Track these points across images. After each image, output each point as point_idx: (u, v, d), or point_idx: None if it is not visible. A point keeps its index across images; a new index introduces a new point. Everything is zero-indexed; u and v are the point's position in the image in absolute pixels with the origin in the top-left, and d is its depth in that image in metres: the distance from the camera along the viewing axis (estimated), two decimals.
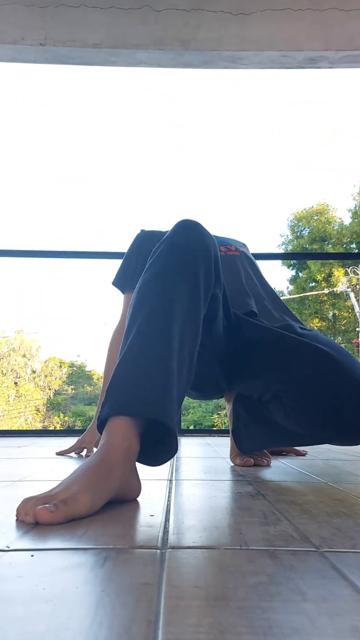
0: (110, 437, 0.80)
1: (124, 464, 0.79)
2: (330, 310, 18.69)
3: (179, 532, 0.65)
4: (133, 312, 0.94)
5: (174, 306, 0.91)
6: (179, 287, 0.94)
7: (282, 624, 0.39)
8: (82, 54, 2.91)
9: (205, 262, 0.99)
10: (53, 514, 0.67)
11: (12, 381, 21.31)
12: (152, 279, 0.95)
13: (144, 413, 0.82)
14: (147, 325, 0.89)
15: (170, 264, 0.96)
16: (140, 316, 0.91)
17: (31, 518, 0.68)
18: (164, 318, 0.90)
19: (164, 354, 0.86)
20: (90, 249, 15.96)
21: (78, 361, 25.18)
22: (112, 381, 0.86)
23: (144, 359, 0.85)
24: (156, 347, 0.87)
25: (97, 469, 0.76)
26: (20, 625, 0.38)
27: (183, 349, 0.91)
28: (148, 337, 0.88)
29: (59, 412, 21.47)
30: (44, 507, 0.68)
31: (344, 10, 2.85)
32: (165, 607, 0.41)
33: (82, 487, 0.72)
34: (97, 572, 0.50)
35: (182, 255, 0.97)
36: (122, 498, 0.82)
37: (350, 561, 0.54)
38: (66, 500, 0.69)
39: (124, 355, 0.88)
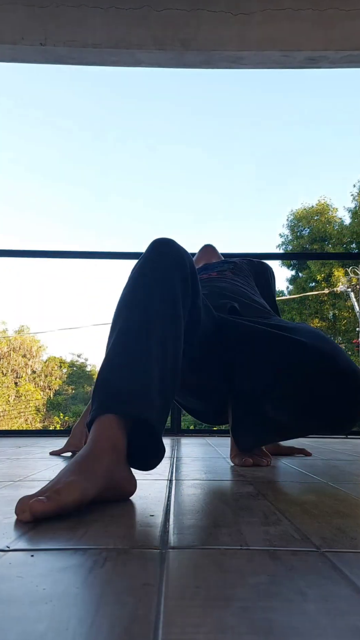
0: (95, 431, 0.84)
1: (110, 453, 0.81)
2: (330, 310, 18.68)
3: (179, 532, 0.65)
4: (115, 318, 0.99)
5: (151, 310, 0.96)
6: (156, 291, 0.99)
7: (283, 624, 0.39)
8: (82, 54, 2.91)
9: (179, 269, 1.04)
10: (45, 504, 0.68)
11: (12, 381, 21.31)
12: (131, 288, 1.01)
13: (126, 410, 0.85)
14: (127, 329, 0.94)
15: (145, 274, 1.02)
16: (119, 322, 0.96)
17: (28, 514, 0.69)
18: (142, 322, 0.94)
19: (142, 354, 0.90)
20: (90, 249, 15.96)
21: (78, 361, 25.19)
22: (97, 384, 0.90)
23: (126, 365, 0.89)
24: (137, 351, 0.91)
25: (84, 459, 0.78)
26: (20, 625, 0.38)
27: (165, 349, 0.95)
28: (128, 342, 0.92)
29: (59, 412, 21.46)
30: (36, 499, 0.69)
31: (344, 10, 2.85)
32: (165, 607, 0.41)
33: (72, 477, 0.74)
34: (97, 573, 0.50)
35: (157, 264, 1.03)
36: (118, 492, 0.83)
37: (351, 561, 0.54)
38: (58, 491, 0.71)
39: (106, 359, 0.93)
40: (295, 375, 1.08)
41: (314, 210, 19.40)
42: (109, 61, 2.98)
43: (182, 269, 1.05)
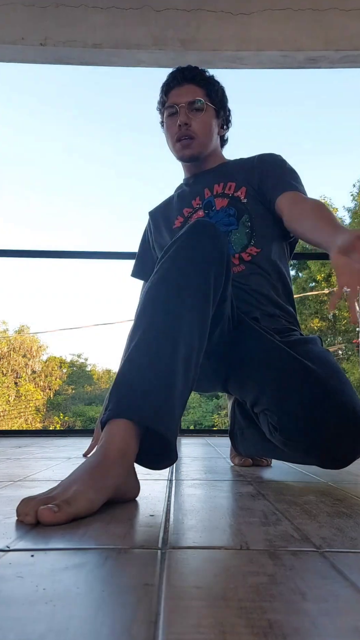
0: (108, 437, 0.81)
1: (121, 465, 0.79)
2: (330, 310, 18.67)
3: (179, 532, 0.65)
4: (140, 314, 0.93)
5: (181, 313, 0.90)
6: (187, 290, 0.92)
7: (283, 624, 0.39)
8: (82, 54, 2.91)
9: (216, 262, 0.97)
10: (56, 514, 0.67)
11: (12, 381, 21.31)
12: (160, 281, 0.94)
13: (142, 422, 0.82)
14: (153, 330, 0.88)
15: (180, 267, 0.93)
16: (145, 320, 0.90)
17: (32, 518, 0.68)
18: (170, 324, 0.88)
19: (168, 365, 0.85)
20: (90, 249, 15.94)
21: (78, 361, 25.19)
22: (115, 384, 0.87)
23: (148, 367, 0.85)
24: (161, 356, 0.85)
25: (95, 469, 0.76)
26: (20, 625, 0.38)
27: (190, 359, 0.90)
28: (153, 343, 0.87)
29: (59, 412, 21.47)
30: (46, 507, 0.68)
31: (344, 10, 2.85)
32: (165, 607, 0.41)
33: (82, 487, 0.72)
34: (97, 573, 0.50)
35: (193, 256, 0.95)
36: (121, 498, 0.82)
37: (351, 561, 0.54)
38: (68, 501, 0.70)
39: (127, 360, 0.87)
40: (295, 401, 0.98)
41: None
42: (109, 61, 2.98)
43: (219, 263, 0.97)
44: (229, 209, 1.34)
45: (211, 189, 1.40)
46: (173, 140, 1.40)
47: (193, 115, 1.37)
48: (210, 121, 1.40)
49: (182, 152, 1.40)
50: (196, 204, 1.41)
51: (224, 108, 1.46)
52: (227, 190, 1.37)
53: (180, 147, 1.39)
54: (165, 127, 1.43)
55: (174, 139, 1.40)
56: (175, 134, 1.38)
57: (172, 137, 1.40)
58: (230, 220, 1.34)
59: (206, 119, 1.39)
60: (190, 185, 1.46)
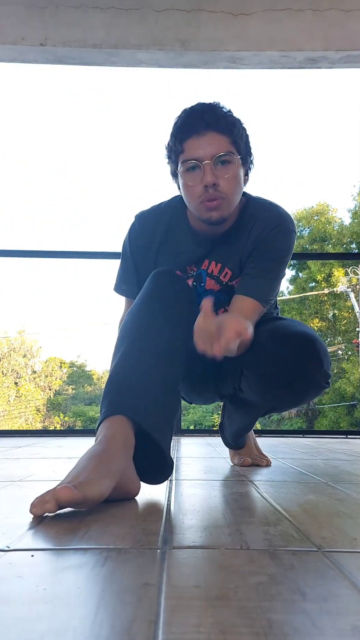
0: (107, 429, 0.86)
1: (123, 452, 0.83)
2: (330, 310, 18.67)
3: (179, 532, 0.65)
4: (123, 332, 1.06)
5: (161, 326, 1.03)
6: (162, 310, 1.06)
7: (283, 624, 0.39)
8: (82, 54, 2.91)
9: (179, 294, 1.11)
10: (74, 493, 0.70)
11: (12, 381, 21.32)
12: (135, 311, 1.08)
13: (135, 419, 0.89)
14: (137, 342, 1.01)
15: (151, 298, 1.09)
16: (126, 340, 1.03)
17: (52, 505, 0.70)
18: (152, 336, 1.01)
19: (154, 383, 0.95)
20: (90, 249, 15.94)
21: (78, 361, 25.19)
22: (108, 386, 0.95)
23: (132, 372, 0.95)
24: (144, 364, 0.96)
25: (100, 456, 0.80)
26: (20, 625, 0.38)
27: (171, 369, 1.00)
28: (136, 354, 0.98)
29: (59, 412, 21.47)
30: (64, 486, 0.70)
31: (344, 11, 2.85)
32: (165, 607, 0.41)
33: (91, 474, 0.76)
34: (97, 572, 0.50)
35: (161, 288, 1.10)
36: (123, 492, 0.84)
37: (351, 561, 0.54)
38: (82, 483, 0.72)
39: (114, 369, 0.98)
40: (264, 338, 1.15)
41: (313, 210, 19.40)
42: (109, 61, 2.98)
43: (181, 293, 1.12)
44: (220, 295, 1.31)
45: (209, 262, 1.29)
46: (195, 201, 1.19)
47: (219, 171, 1.16)
48: (239, 175, 1.20)
49: (208, 214, 1.18)
50: (190, 270, 1.31)
51: (250, 154, 1.26)
52: (222, 277, 1.29)
53: (207, 209, 1.18)
54: (184, 185, 1.20)
55: (196, 200, 1.18)
56: (199, 196, 1.17)
57: (195, 198, 1.18)
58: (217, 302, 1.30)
59: (234, 173, 1.18)
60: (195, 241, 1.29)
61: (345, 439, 2.55)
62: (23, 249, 2.79)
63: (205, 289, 1.30)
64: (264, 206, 1.28)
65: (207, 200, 1.16)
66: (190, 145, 1.16)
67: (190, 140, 1.16)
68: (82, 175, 37.61)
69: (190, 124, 1.17)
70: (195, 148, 1.15)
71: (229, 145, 1.17)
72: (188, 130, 1.16)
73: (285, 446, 1.99)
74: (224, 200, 1.17)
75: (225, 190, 1.16)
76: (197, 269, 1.29)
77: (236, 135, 1.18)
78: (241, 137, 1.21)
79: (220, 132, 1.16)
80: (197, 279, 1.30)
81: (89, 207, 37.84)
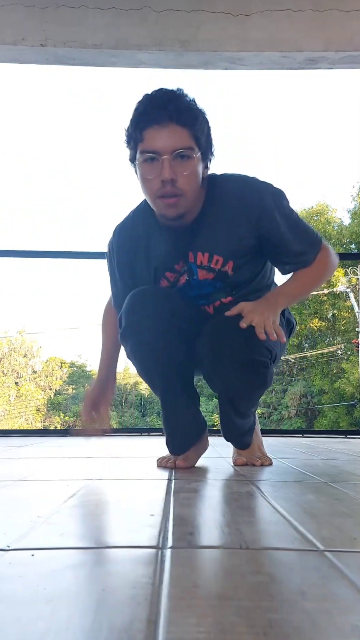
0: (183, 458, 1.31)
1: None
2: (330, 310, 18.68)
3: (179, 532, 0.65)
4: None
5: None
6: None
7: (283, 624, 0.39)
8: (83, 55, 2.91)
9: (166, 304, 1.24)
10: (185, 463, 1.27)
11: (13, 381, 21.32)
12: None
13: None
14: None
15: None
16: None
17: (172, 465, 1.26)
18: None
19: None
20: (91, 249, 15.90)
21: (79, 361, 25.18)
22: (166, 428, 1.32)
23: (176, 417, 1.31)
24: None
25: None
26: (20, 625, 0.38)
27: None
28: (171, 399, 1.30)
29: (59, 412, 21.47)
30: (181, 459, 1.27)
31: (344, 11, 2.85)
32: (165, 606, 0.41)
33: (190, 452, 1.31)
34: (97, 572, 0.50)
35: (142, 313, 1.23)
36: None
37: (351, 561, 0.54)
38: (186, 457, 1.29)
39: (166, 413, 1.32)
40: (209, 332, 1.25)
41: (313, 210, 19.40)
42: (109, 62, 2.98)
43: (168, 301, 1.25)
44: (215, 282, 1.31)
45: (194, 254, 1.27)
46: (153, 195, 1.17)
47: (178, 167, 1.13)
48: (198, 170, 1.18)
49: (165, 210, 1.18)
50: (180, 267, 1.30)
51: (211, 147, 1.23)
52: (213, 265, 1.27)
53: (164, 205, 1.17)
54: (141, 177, 1.18)
55: (154, 194, 1.17)
56: (157, 190, 1.15)
57: (152, 192, 1.17)
58: (216, 290, 1.33)
59: (193, 170, 1.16)
60: (172, 239, 1.28)
61: (345, 439, 2.55)
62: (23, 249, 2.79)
63: (199, 279, 1.30)
64: (239, 189, 1.25)
65: (164, 196, 1.15)
66: (150, 135, 1.13)
67: (151, 130, 1.13)
68: (82, 175, 37.61)
69: (152, 113, 1.13)
70: (155, 139, 1.13)
71: (190, 139, 1.14)
72: (149, 119, 1.13)
73: (285, 446, 1.99)
74: (180, 198, 1.16)
75: (183, 188, 1.15)
76: (186, 264, 1.29)
77: (198, 129, 1.15)
78: (203, 130, 1.18)
79: (182, 124, 1.13)
80: (189, 273, 1.31)
81: (89, 207, 37.83)
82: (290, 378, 19.77)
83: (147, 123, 1.13)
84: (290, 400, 18.60)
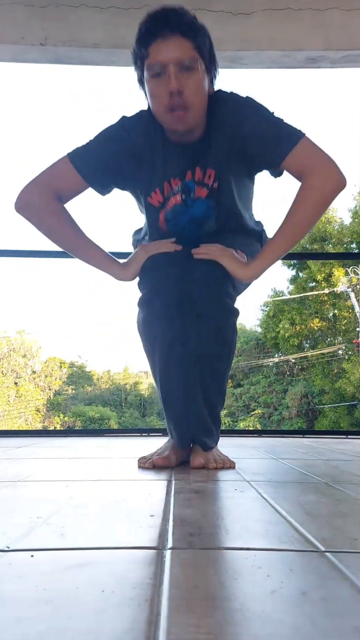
0: (178, 451, 1.35)
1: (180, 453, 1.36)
2: (330, 310, 18.67)
3: (179, 533, 0.65)
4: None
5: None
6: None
7: (283, 624, 0.39)
8: (82, 54, 2.90)
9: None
10: (163, 460, 1.27)
11: (12, 381, 21.32)
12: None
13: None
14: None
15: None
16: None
17: (151, 465, 1.25)
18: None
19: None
20: None
21: (78, 361, 25.18)
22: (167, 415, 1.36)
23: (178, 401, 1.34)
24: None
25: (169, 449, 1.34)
26: (20, 625, 0.38)
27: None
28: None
29: (59, 412, 21.47)
30: (159, 457, 1.27)
31: (345, 10, 2.84)
32: (166, 607, 0.41)
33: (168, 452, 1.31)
34: (97, 573, 0.50)
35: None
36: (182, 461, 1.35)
37: (351, 561, 0.54)
38: (167, 456, 1.29)
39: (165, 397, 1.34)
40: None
41: None
42: (108, 61, 2.97)
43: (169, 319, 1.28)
44: (209, 201, 1.33)
45: (193, 171, 1.30)
46: (162, 109, 1.19)
47: (184, 78, 1.16)
48: (203, 83, 1.20)
49: (175, 125, 1.21)
50: (176, 184, 1.31)
51: (214, 61, 1.26)
52: (206, 180, 1.30)
53: (173, 120, 1.20)
54: (150, 93, 1.20)
55: (163, 109, 1.19)
56: (166, 104, 1.17)
57: (161, 106, 1.19)
58: (208, 213, 1.35)
59: (199, 80, 1.18)
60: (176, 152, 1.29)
61: (346, 439, 2.55)
62: (23, 249, 2.78)
63: (194, 198, 1.31)
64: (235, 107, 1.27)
65: (173, 109, 1.17)
66: (155, 50, 1.15)
67: (155, 44, 1.15)
68: None
69: (155, 29, 1.16)
70: (159, 52, 1.15)
71: (193, 50, 1.17)
72: (153, 34, 1.16)
73: (286, 446, 1.99)
74: (188, 111, 1.18)
75: (189, 99, 1.17)
76: (182, 182, 1.30)
77: (200, 41, 1.18)
78: (205, 44, 1.20)
79: (185, 36, 1.16)
80: (185, 190, 1.31)
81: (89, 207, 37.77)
82: (290, 378, 19.77)
83: (151, 38, 1.16)
84: (291, 400, 18.60)
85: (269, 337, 19.30)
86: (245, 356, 20.80)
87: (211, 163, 1.29)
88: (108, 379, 25.28)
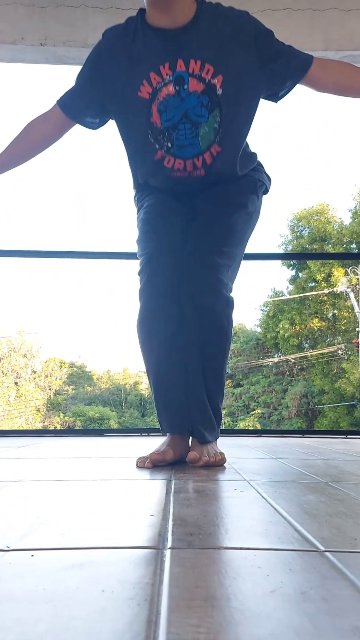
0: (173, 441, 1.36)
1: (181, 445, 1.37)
2: (330, 310, 18.68)
3: (179, 533, 0.65)
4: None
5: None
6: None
7: (283, 624, 0.39)
8: (82, 54, 2.90)
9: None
10: (159, 455, 1.26)
11: (12, 381, 21.32)
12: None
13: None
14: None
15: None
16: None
17: (150, 463, 1.24)
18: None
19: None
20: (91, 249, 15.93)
21: (78, 361, 25.19)
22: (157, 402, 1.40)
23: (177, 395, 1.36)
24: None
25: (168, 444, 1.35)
26: (20, 626, 0.38)
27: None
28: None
29: (59, 412, 21.48)
30: (155, 453, 1.27)
31: (344, 10, 2.84)
32: (165, 607, 0.41)
33: (166, 448, 1.32)
34: (97, 572, 0.50)
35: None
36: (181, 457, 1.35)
37: (351, 561, 0.54)
38: (163, 452, 1.29)
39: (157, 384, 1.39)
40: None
41: (314, 210, 19.40)
42: None
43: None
44: (202, 97, 1.27)
45: (186, 61, 1.25)
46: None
47: None
48: None
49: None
50: (165, 73, 1.26)
51: None
52: (204, 74, 1.25)
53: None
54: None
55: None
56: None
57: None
58: (202, 111, 1.29)
59: None
60: (159, 38, 1.27)
61: (346, 439, 2.55)
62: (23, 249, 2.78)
63: (189, 91, 1.27)
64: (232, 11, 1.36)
65: None
66: None
67: None
68: (82, 175, 37.57)
69: None
70: None
71: None
72: None
73: (286, 446, 1.99)
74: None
75: None
76: (173, 71, 1.26)
77: None
78: None
79: None
80: (179, 81, 1.27)
81: (89, 207, 37.81)
82: (290, 378, 19.78)
83: None
84: (291, 400, 18.61)
85: (268, 337, 19.31)
86: (245, 356, 20.81)
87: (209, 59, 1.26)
88: (108, 379, 25.29)
